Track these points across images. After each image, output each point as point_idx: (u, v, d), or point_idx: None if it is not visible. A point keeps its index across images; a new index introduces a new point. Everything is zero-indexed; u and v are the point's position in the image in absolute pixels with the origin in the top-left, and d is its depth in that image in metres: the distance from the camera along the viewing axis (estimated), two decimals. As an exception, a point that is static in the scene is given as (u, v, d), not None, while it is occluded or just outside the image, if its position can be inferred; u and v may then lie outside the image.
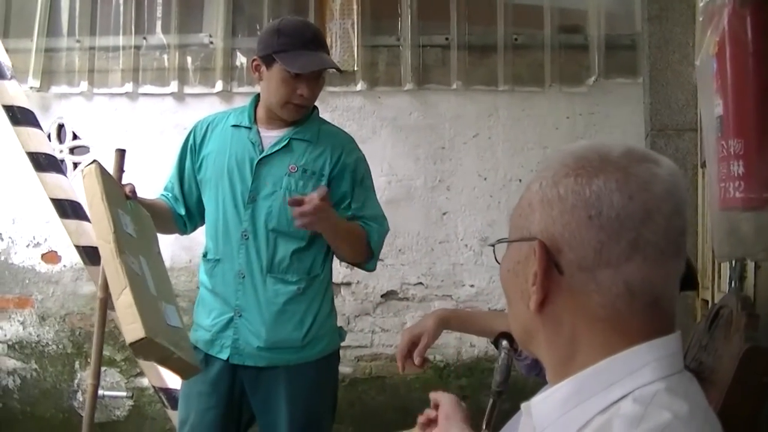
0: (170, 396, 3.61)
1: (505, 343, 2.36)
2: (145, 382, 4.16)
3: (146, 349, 2.08)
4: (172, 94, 4.34)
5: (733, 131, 1.95)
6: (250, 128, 2.70)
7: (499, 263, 1.13)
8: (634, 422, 0.93)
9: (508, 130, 4.25)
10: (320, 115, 2.81)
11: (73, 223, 3.97)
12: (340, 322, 4.05)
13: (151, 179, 4.18)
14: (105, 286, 2.57)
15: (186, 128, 4.11)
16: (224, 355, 2.62)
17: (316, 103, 2.76)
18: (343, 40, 4.22)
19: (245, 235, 2.63)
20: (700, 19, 2.12)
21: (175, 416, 3.62)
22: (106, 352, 4.26)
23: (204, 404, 2.62)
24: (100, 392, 4.19)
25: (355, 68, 4.27)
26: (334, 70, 2.75)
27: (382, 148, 4.28)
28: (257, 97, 2.77)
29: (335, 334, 2.77)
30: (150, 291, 2.29)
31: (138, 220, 2.52)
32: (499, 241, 1.13)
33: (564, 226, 1.00)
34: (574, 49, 4.26)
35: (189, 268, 4.24)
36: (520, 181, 4.22)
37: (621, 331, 1.00)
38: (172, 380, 3.58)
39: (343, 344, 2.83)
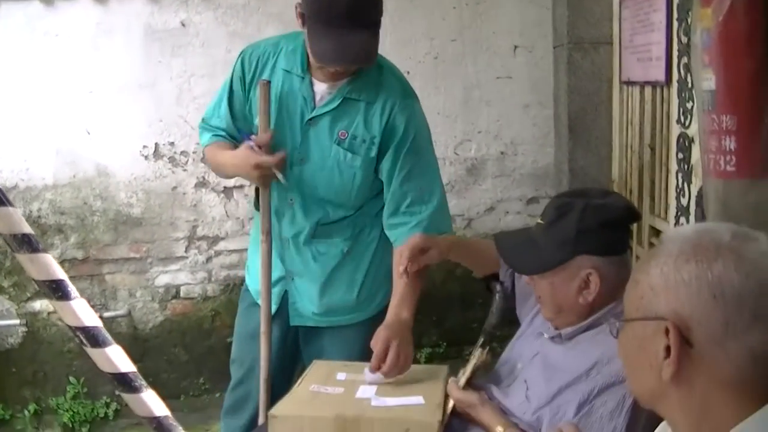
0: (88, 334, 3.44)
1: (498, 286, 2.42)
2: (37, 306, 4.05)
3: None
4: (39, -3, 3.94)
5: (727, 107, 2.02)
6: (302, 78, 2.42)
7: (615, 336, 1.31)
8: None
9: (396, 22, 4.17)
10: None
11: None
12: (235, 226, 4.08)
13: (24, 92, 3.96)
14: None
15: (57, 35, 3.93)
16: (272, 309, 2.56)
17: None
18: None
19: (291, 200, 2.49)
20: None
21: (96, 354, 3.47)
22: (-7, 280, 4.09)
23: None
24: (-8, 322, 4.05)
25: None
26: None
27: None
28: None
29: (389, 289, 2.51)
30: None
31: None
32: (625, 319, 1.27)
33: (693, 307, 1.14)
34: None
35: (74, 184, 4.03)
36: (408, 73, 4.16)
37: (748, 392, 1.15)
38: (89, 318, 3.42)
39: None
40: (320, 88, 2.41)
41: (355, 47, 2.24)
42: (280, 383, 2.50)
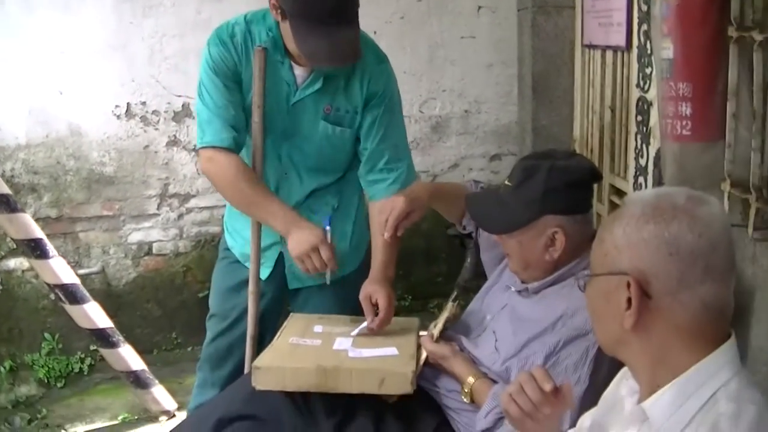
0: (67, 291, 3.50)
1: (471, 243, 2.48)
2: (11, 264, 4.09)
3: None
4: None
5: (683, 75, 2.14)
6: (281, 62, 2.44)
7: (582, 290, 1.45)
8: (735, 420, 1.23)
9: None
10: None
11: None
12: (206, 184, 4.15)
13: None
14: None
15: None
16: (264, 274, 2.62)
17: None
18: None
19: (286, 174, 2.57)
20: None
21: (74, 311, 3.56)
22: (-35, 240, 4.11)
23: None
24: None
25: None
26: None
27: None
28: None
29: (369, 239, 2.64)
30: None
31: None
32: (592, 275, 1.41)
33: (651, 263, 1.28)
34: None
35: (46, 143, 4.05)
36: (375, 33, 4.22)
37: (700, 336, 1.31)
38: (67, 275, 3.51)
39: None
40: (299, 70, 2.46)
41: (344, 46, 2.26)
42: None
